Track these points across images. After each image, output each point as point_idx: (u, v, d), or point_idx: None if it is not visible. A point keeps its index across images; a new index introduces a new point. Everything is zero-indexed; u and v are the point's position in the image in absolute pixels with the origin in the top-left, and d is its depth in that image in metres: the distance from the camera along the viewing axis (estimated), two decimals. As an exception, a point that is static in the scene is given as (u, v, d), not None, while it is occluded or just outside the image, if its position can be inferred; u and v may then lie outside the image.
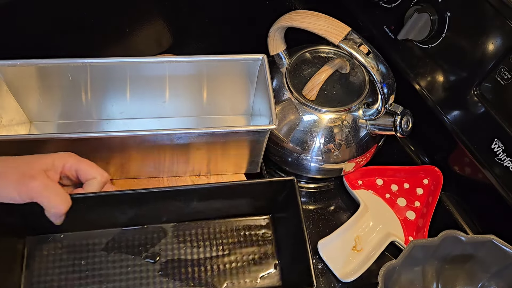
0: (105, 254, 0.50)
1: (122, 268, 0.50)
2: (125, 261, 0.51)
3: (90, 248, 0.51)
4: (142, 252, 0.51)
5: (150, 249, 0.52)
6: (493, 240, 0.53)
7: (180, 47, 0.76)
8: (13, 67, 0.59)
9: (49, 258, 0.49)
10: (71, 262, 0.50)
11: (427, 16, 0.57)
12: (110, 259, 0.50)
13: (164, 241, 0.53)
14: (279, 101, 0.64)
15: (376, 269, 0.58)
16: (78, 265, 0.50)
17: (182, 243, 0.53)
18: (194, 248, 0.53)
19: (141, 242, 0.52)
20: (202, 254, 0.53)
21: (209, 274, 0.52)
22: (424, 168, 0.69)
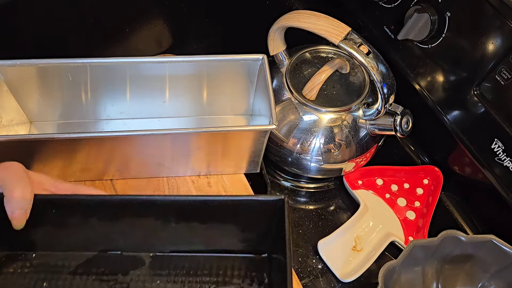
0: (70, 278, 0.46)
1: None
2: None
3: (58, 270, 0.47)
4: (110, 282, 0.46)
5: (120, 278, 0.46)
6: (493, 240, 0.53)
7: (180, 47, 0.76)
8: (13, 67, 0.59)
9: (14, 277, 0.46)
10: (33, 283, 0.46)
11: (427, 16, 0.57)
12: (74, 284, 0.46)
13: (138, 272, 0.47)
14: (279, 101, 0.64)
15: (376, 269, 0.58)
16: (39, 286, 0.46)
17: (157, 276, 0.46)
18: (170, 283, 0.46)
19: (112, 270, 0.47)
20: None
21: None
22: (424, 168, 0.69)
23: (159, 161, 0.63)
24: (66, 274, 0.47)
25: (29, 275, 0.46)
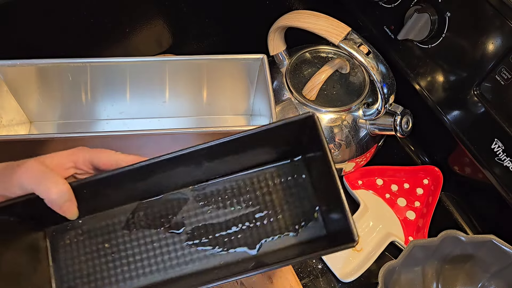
0: (127, 233, 0.47)
1: (148, 245, 0.47)
2: (148, 237, 0.47)
3: (111, 229, 0.47)
4: (165, 224, 0.47)
5: (172, 220, 0.47)
6: (493, 240, 0.53)
7: (180, 47, 0.76)
8: (13, 67, 0.58)
9: (73, 247, 0.47)
10: (95, 248, 0.47)
11: (427, 16, 0.57)
12: (134, 237, 0.47)
13: (186, 208, 0.47)
14: (279, 101, 0.64)
15: (376, 269, 0.58)
16: (102, 249, 0.47)
17: (205, 206, 0.47)
18: (220, 209, 0.47)
19: (162, 214, 0.47)
20: (230, 214, 0.47)
21: (241, 235, 0.46)
22: (424, 168, 0.69)
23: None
24: (121, 230, 0.47)
25: (87, 241, 0.47)
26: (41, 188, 0.38)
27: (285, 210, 0.47)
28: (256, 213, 0.47)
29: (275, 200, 0.47)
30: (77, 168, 0.43)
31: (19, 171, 0.39)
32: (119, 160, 0.43)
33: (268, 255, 0.46)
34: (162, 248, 0.47)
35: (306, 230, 0.46)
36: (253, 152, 0.46)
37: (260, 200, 0.47)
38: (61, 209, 0.40)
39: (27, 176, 0.39)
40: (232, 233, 0.47)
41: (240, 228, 0.47)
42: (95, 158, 0.43)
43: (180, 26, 0.74)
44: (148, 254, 0.47)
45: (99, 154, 0.43)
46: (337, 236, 0.43)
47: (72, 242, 0.47)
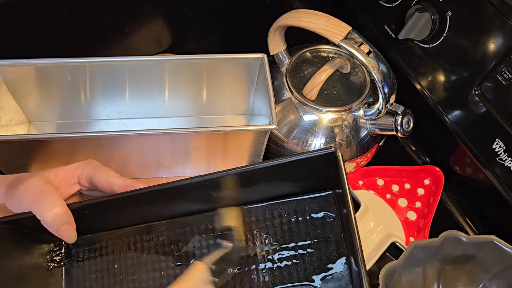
0: (137, 256, 0.44)
1: (155, 273, 0.43)
2: (157, 263, 0.43)
3: (123, 249, 0.44)
4: (174, 252, 0.43)
5: (183, 248, 0.42)
6: (494, 241, 0.53)
7: (180, 47, 0.76)
8: (12, 67, 0.58)
9: (85, 263, 0.45)
10: (105, 266, 0.44)
11: (428, 16, 0.57)
12: (143, 261, 0.43)
13: (198, 237, 0.42)
14: (279, 101, 0.64)
15: (377, 269, 0.57)
16: (112, 269, 0.44)
17: (217, 238, 0.42)
18: (233, 242, 0.42)
19: (172, 240, 0.43)
20: (243, 250, 0.41)
21: (253, 277, 0.40)
22: (425, 168, 0.69)
23: (159, 161, 0.63)
24: (131, 252, 0.44)
25: (98, 259, 0.45)
26: (37, 210, 0.38)
27: (307, 254, 0.40)
28: (273, 253, 0.41)
29: (297, 239, 0.40)
30: (81, 184, 0.43)
31: (21, 188, 0.38)
32: (112, 184, 0.42)
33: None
34: (169, 279, 0.43)
35: (329, 282, 0.39)
36: (267, 184, 0.41)
37: (279, 238, 0.40)
38: (57, 233, 0.39)
39: (26, 195, 0.38)
40: (243, 273, 0.41)
41: (252, 269, 0.41)
42: (94, 176, 0.42)
43: (180, 26, 0.74)
44: (155, 282, 0.43)
45: (98, 173, 0.42)
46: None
47: (84, 258, 0.45)
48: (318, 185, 0.41)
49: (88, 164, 0.43)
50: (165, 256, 0.43)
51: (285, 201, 0.41)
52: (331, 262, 0.39)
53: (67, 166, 0.42)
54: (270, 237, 0.41)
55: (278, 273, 0.40)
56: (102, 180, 0.42)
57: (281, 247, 0.41)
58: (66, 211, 0.38)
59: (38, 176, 0.39)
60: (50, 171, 0.41)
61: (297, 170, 0.39)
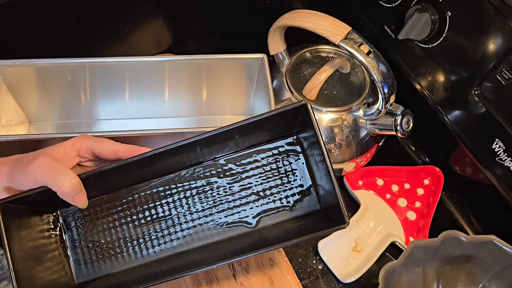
0: (135, 210, 0.49)
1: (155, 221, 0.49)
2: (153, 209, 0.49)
3: (121, 206, 0.49)
4: (168, 197, 0.50)
5: (177, 193, 0.50)
6: (494, 241, 0.53)
7: (180, 47, 0.76)
8: (12, 67, 0.58)
9: (84, 224, 0.49)
10: (106, 222, 0.49)
11: (428, 16, 0.57)
12: (140, 211, 0.49)
13: (193, 183, 0.50)
14: (279, 101, 0.64)
15: (377, 269, 0.57)
16: (113, 224, 0.49)
17: (206, 179, 0.50)
18: (221, 182, 0.50)
19: (166, 188, 0.50)
20: (229, 189, 0.50)
21: (241, 209, 0.49)
22: (425, 168, 0.69)
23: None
24: (129, 207, 0.49)
25: (97, 220, 0.49)
26: (55, 183, 0.41)
27: (281, 185, 0.50)
28: (252, 187, 0.50)
29: (271, 176, 0.50)
30: (81, 157, 0.46)
31: (32, 168, 0.41)
32: (117, 150, 0.45)
33: (267, 229, 0.49)
34: (168, 222, 0.49)
35: (301, 205, 0.50)
36: (249, 139, 0.49)
37: (257, 176, 0.50)
38: (73, 200, 0.43)
39: (41, 172, 0.41)
40: (232, 207, 0.50)
41: (240, 202, 0.50)
42: (96, 147, 0.45)
43: (180, 26, 0.74)
44: (155, 227, 0.49)
45: (99, 144, 0.46)
46: (330, 215, 0.47)
47: (84, 220, 0.49)
48: (288, 132, 0.50)
49: (85, 137, 0.46)
50: (161, 200, 0.50)
51: (261, 148, 0.50)
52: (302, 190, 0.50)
53: (65, 142, 0.45)
54: (248, 176, 0.50)
55: (259, 204, 0.50)
56: (105, 149, 0.45)
57: (258, 183, 0.50)
58: (79, 181, 0.42)
59: (45, 155, 0.43)
60: (51, 149, 0.45)
61: (273, 122, 0.47)
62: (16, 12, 0.59)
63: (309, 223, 0.48)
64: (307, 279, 0.61)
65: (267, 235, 0.48)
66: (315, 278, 0.62)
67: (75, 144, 0.45)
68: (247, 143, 0.50)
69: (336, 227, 0.45)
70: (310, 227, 0.47)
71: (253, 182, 0.50)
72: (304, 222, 0.49)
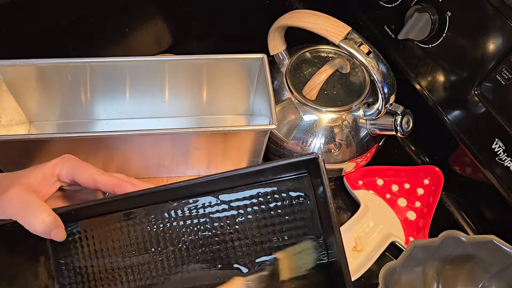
0: (123, 239, 0.45)
1: (145, 255, 0.44)
2: (142, 245, 0.44)
3: (108, 233, 0.45)
4: (160, 235, 0.44)
5: (170, 231, 0.44)
6: (494, 241, 0.53)
7: (180, 47, 0.76)
8: (12, 67, 0.58)
9: (72, 248, 0.45)
10: (92, 250, 0.44)
11: (428, 16, 0.57)
12: (130, 243, 0.44)
13: (182, 222, 0.44)
14: (279, 101, 0.64)
15: (377, 269, 0.57)
16: (99, 252, 0.45)
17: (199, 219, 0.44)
18: (217, 223, 0.44)
19: (158, 223, 0.44)
20: (227, 231, 0.43)
21: (238, 253, 0.43)
22: (425, 168, 0.69)
23: (159, 161, 0.63)
24: (117, 235, 0.44)
25: (84, 244, 0.45)
26: (25, 222, 0.38)
27: (285, 234, 0.44)
28: (253, 229, 0.44)
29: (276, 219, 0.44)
30: (61, 181, 0.43)
31: (3, 201, 0.38)
32: (97, 182, 0.41)
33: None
34: (156, 263, 0.44)
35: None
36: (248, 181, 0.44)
37: (259, 218, 0.44)
38: (49, 237, 0.40)
39: (11, 208, 0.38)
40: (229, 249, 0.44)
41: (238, 245, 0.44)
42: (76, 174, 0.42)
43: (180, 26, 0.74)
44: (145, 262, 0.44)
45: (80, 171, 0.42)
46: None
47: (71, 243, 0.45)
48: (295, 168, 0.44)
49: (67, 160, 0.42)
50: (151, 239, 0.44)
51: (265, 183, 0.43)
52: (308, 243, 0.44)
53: (45, 165, 0.41)
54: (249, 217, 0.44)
55: (260, 249, 0.44)
56: (85, 178, 0.41)
57: (259, 226, 0.44)
58: (53, 218, 0.39)
59: (17, 186, 0.39)
60: (29, 174, 0.41)
61: (280, 172, 0.43)
62: (16, 12, 0.59)
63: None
64: (307, 279, 0.61)
65: None
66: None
67: (55, 169, 0.41)
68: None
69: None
70: None
71: (251, 225, 0.44)
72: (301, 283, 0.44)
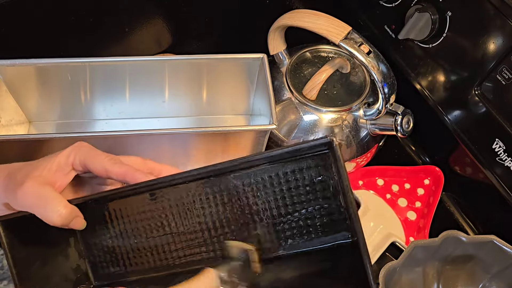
0: (145, 218, 0.45)
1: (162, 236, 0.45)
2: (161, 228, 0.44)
3: (130, 213, 0.45)
4: (182, 214, 0.44)
5: (190, 210, 0.43)
6: (494, 241, 0.53)
7: (180, 46, 0.76)
8: (12, 67, 0.58)
9: (98, 227, 0.45)
10: (117, 229, 0.45)
11: (428, 16, 0.57)
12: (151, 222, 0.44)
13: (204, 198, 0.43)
14: (279, 101, 0.64)
15: (377, 269, 0.57)
16: (124, 231, 0.45)
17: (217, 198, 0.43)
18: (236, 204, 0.43)
19: (179, 203, 0.44)
20: (248, 209, 0.42)
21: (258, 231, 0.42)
22: (425, 168, 0.69)
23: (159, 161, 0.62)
24: (139, 215, 0.45)
25: (110, 223, 0.46)
26: (42, 216, 0.39)
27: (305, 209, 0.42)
28: (277, 208, 0.42)
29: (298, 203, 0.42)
30: (75, 170, 0.43)
31: (20, 195, 0.38)
32: (109, 172, 0.41)
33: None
34: (182, 242, 0.44)
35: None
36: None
37: (279, 198, 0.42)
38: (68, 227, 0.40)
39: (28, 202, 0.39)
40: (250, 231, 0.43)
41: (260, 228, 0.43)
42: (89, 162, 0.41)
43: (180, 26, 0.74)
44: (169, 241, 0.45)
45: (91, 159, 0.41)
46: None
47: (98, 224, 0.46)
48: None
49: (79, 149, 0.42)
50: (172, 217, 0.44)
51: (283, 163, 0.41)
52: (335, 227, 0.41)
53: (59, 155, 0.41)
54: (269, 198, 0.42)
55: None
56: (97, 167, 0.41)
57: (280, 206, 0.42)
58: (70, 210, 0.39)
59: (32, 179, 0.39)
60: (43, 166, 0.41)
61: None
62: (16, 12, 0.59)
63: (332, 270, 0.42)
64: (307, 279, 0.61)
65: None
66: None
67: (68, 158, 0.41)
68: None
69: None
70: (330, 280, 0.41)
71: (270, 205, 0.42)
72: (326, 266, 0.42)
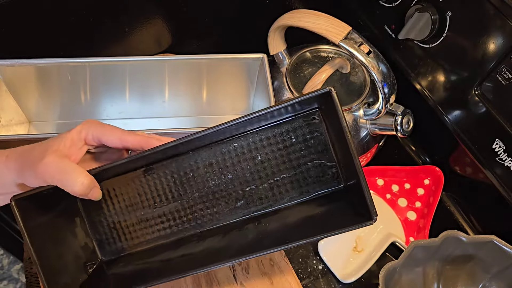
0: (152, 190, 0.48)
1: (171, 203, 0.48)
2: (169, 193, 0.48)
3: (136, 186, 0.48)
4: (189, 179, 0.48)
5: (195, 174, 0.48)
6: (494, 241, 0.53)
7: (180, 46, 0.76)
8: (12, 67, 0.58)
9: (101, 205, 0.48)
10: (122, 203, 0.48)
11: (428, 16, 0.57)
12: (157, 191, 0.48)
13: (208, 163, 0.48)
14: (279, 101, 0.64)
15: (377, 269, 0.57)
16: (129, 203, 0.48)
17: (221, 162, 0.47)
18: (237, 165, 0.47)
19: (186, 171, 0.48)
20: (247, 170, 0.47)
21: (261, 191, 0.47)
22: (425, 168, 0.69)
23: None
24: (145, 187, 0.48)
25: (114, 199, 0.48)
26: (65, 185, 0.41)
27: (302, 167, 0.46)
28: (273, 168, 0.47)
29: (291, 155, 0.46)
30: (88, 145, 0.44)
31: (41, 168, 0.40)
32: (124, 141, 0.44)
33: (288, 212, 0.47)
34: (185, 209, 0.48)
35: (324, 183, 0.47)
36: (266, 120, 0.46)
37: (277, 156, 0.46)
38: (87, 197, 0.43)
39: (50, 174, 0.40)
40: (252, 189, 0.47)
41: (261, 185, 0.47)
42: (102, 136, 0.44)
43: (180, 26, 0.74)
44: (173, 210, 0.48)
45: (105, 132, 0.44)
46: (354, 203, 0.44)
47: (100, 202, 0.48)
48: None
49: (91, 125, 0.44)
50: (180, 182, 0.48)
51: (278, 123, 0.46)
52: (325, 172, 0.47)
53: (71, 132, 0.44)
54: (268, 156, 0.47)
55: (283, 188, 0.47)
56: (112, 139, 0.44)
57: (279, 164, 0.47)
58: (90, 179, 0.42)
59: (51, 153, 0.41)
60: (58, 142, 0.43)
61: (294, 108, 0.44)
62: (16, 12, 0.59)
63: (331, 211, 0.45)
64: (307, 279, 0.61)
65: (288, 222, 0.46)
66: (315, 278, 0.61)
67: (81, 133, 0.44)
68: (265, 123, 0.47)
69: (362, 224, 0.43)
70: (332, 218, 0.44)
71: (271, 163, 0.46)
72: (324, 209, 0.46)
